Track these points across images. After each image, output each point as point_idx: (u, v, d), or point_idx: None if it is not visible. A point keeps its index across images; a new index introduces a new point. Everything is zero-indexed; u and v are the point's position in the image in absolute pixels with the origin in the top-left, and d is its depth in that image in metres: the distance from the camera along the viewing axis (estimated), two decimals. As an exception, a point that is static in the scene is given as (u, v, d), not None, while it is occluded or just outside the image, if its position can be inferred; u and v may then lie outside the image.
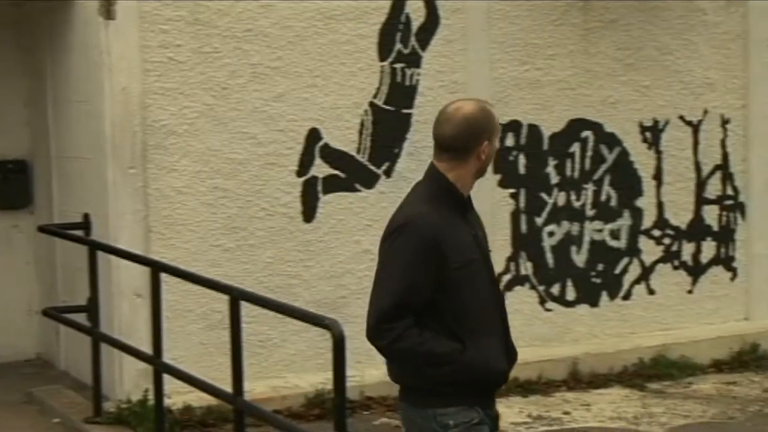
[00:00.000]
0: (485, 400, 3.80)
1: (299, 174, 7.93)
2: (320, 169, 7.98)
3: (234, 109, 7.71)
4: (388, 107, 8.16)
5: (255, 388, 7.06)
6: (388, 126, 8.15)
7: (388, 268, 3.70)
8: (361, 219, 8.09)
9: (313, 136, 7.94)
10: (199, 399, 7.09)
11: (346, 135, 8.05)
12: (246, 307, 5.82)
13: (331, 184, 8.02)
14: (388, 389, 7.85)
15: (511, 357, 3.87)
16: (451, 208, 3.74)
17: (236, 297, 5.76)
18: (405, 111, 8.20)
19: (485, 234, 3.92)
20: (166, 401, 6.76)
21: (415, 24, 8.20)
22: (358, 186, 8.10)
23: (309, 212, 7.95)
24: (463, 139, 3.73)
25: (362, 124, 8.09)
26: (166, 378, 6.57)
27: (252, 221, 7.78)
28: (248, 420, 5.87)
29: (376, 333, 3.68)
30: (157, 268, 6.58)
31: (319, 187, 7.98)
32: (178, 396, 7.14)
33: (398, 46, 8.15)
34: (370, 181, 8.13)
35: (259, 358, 7.60)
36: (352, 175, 8.08)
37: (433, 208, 3.71)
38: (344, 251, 8.03)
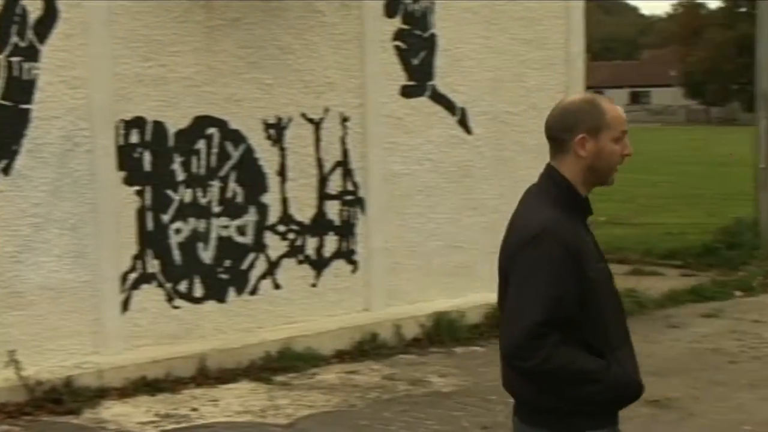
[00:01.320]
0: (616, 419, 3.47)
1: None
2: (-69, 166, 7.55)
3: None
4: (4, 102, 7.82)
5: None
6: (5, 122, 7.82)
7: (532, 279, 3.29)
8: (-23, 219, 7.72)
9: None
10: None
11: (-41, 131, 7.65)
12: None
13: (-56, 183, 7.60)
14: (7, 395, 7.56)
15: None
16: (572, 211, 3.41)
17: None
18: (23, 106, 7.90)
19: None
20: None
21: (32, 17, 7.92)
22: (-27, 184, 7.73)
23: None
24: (556, 130, 3.43)
25: (-23, 120, 7.72)
26: None
27: None
28: None
29: (523, 353, 3.26)
30: None
31: (-70, 186, 7.55)
32: None
33: (14, 39, 7.84)
34: (-14, 179, 7.78)
35: None
36: (-34, 173, 7.69)
37: (560, 211, 3.37)
38: (-41, 253, 7.63)
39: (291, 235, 9.36)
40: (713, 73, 75.09)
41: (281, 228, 9.30)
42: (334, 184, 9.62)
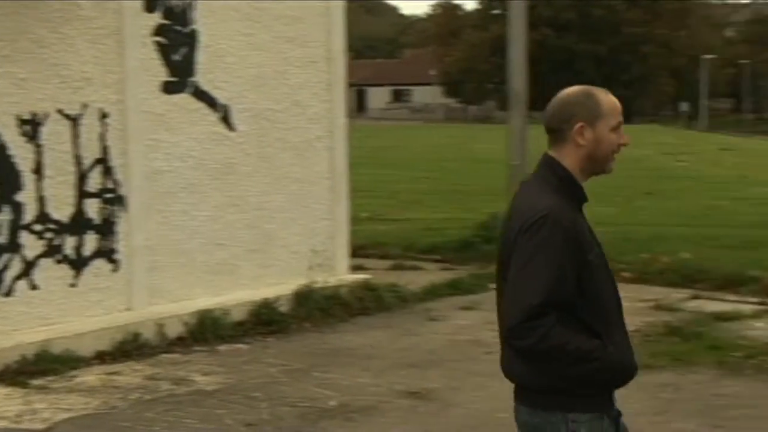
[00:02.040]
0: (611, 402, 3.59)
1: None
2: None
3: None
4: None
5: None
6: None
7: (532, 262, 3.42)
8: None
9: None
10: None
11: None
12: None
13: None
14: None
15: None
16: (571, 198, 3.58)
17: None
18: None
19: None
20: None
21: None
22: None
23: None
24: (555, 121, 3.59)
25: None
26: None
27: None
28: None
29: (521, 332, 3.40)
30: None
31: None
32: None
33: None
34: None
35: None
36: None
37: (561, 198, 3.52)
38: None
39: (48, 235, 9.09)
40: (470, 72, 77.54)
41: (38, 227, 9.02)
42: (94, 182, 9.40)
